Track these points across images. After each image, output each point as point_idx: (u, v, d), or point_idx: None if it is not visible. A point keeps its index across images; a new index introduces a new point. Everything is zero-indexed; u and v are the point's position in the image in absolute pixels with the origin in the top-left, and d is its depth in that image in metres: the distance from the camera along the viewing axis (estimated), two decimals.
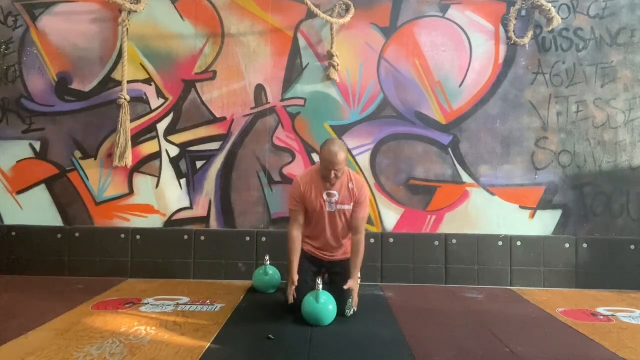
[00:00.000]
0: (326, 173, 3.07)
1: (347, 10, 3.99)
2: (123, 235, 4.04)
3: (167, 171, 4.11)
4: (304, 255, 3.26)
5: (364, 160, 4.06)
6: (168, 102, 4.11)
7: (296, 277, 3.06)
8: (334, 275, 3.23)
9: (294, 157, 4.07)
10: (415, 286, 3.91)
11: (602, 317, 3.17)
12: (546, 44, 4.04)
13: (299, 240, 3.20)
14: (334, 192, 3.16)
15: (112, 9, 4.04)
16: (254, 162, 4.08)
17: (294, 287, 3.06)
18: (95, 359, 2.35)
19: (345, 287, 2.99)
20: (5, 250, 4.04)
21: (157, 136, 4.11)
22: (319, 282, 2.94)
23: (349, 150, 4.05)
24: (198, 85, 4.09)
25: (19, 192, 4.13)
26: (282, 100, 4.09)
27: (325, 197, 3.15)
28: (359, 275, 3.27)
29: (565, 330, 2.91)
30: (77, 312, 3.08)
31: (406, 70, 4.06)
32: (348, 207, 3.17)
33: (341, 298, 3.08)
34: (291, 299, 3.04)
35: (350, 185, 3.17)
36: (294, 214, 3.22)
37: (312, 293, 2.93)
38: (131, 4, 3.94)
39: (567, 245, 3.96)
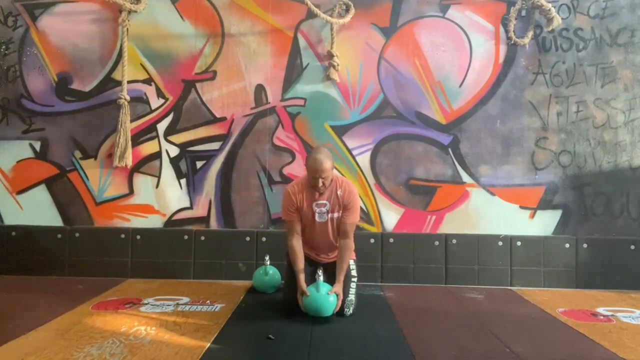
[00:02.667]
0: (313, 182, 3.02)
1: (347, 10, 3.99)
2: (123, 235, 4.04)
3: (167, 171, 4.11)
4: None
5: (364, 160, 4.06)
6: (168, 102, 4.11)
7: (305, 287, 2.99)
8: (331, 275, 3.17)
9: (294, 157, 4.07)
10: (415, 286, 3.91)
11: (602, 317, 3.17)
12: (546, 44, 4.04)
13: (301, 249, 3.13)
14: (323, 201, 3.11)
15: (112, 9, 4.04)
16: (254, 162, 4.08)
17: (303, 297, 2.99)
18: (95, 359, 2.35)
19: (330, 292, 2.95)
20: (5, 250, 4.05)
21: (157, 136, 4.11)
22: (320, 274, 2.97)
23: (349, 150, 4.05)
24: (198, 85, 4.09)
25: (19, 192, 4.13)
26: (282, 100, 4.09)
27: (314, 207, 3.11)
28: (354, 274, 3.24)
29: (565, 330, 2.91)
30: (77, 312, 3.07)
31: (406, 70, 4.06)
32: (338, 215, 3.13)
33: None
34: (302, 308, 2.99)
35: (339, 192, 3.11)
36: (290, 225, 3.15)
37: (313, 285, 2.96)
38: (131, 4, 3.95)
39: (567, 245, 3.96)
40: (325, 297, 2.92)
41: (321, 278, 2.97)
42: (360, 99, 4.07)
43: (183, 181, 4.10)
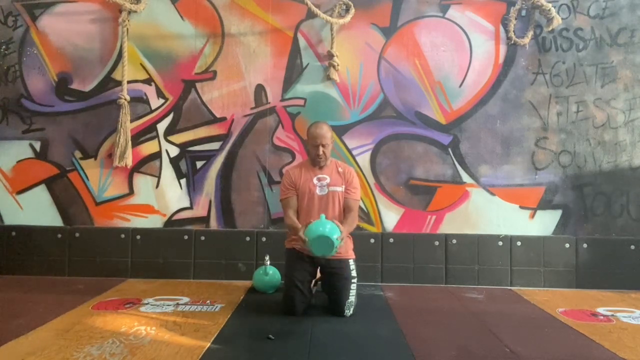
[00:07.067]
0: (314, 150, 3.18)
1: (347, 10, 3.99)
2: (123, 235, 4.04)
3: (167, 171, 4.11)
4: (296, 254, 3.21)
5: (364, 160, 4.06)
6: (168, 102, 4.11)
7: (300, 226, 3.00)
8: (330, 276, 3.19)
9: (294, 157, 4.07)
10: (415, 286, 3.91)
11: (602, 317, 3.17)
12: (546, 44, 4.04)
13: (296, 217, 3.20)
14: (324, 175, 3.23)
15: (112, 9, 4.04)
16: (254, 162, 4.08)
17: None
18: (95, 359, 2.35)
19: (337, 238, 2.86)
20: (5, 250, 4.05)
21: (157, 136, 4.11)
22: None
23: (349, 150, 4.05)
24: (198, 85, 4.09)
25: (19, 192, 4.14)
26: (282, 100, 4.09)
27: (315, 181, 3.21)
28: (354, 274, 3.18)
29: (565, 330, 2.91)
30: (77, 312, 3.08)
31: (406, 70, 4.06)
32: (340, 189, 3.21)
33: (339, 299, 3.09)
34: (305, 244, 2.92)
35: (340, 169, 3.29)
36: (287, 202, 3.23)
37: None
38: (131, 4, 3.94)
39: (567, 245, 3.96)
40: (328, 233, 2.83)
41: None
42: (360, 99, 4.07)
43: (183, 181, 4.11)
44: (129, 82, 4.04)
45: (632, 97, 4.01)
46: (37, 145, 4.13)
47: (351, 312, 3.09)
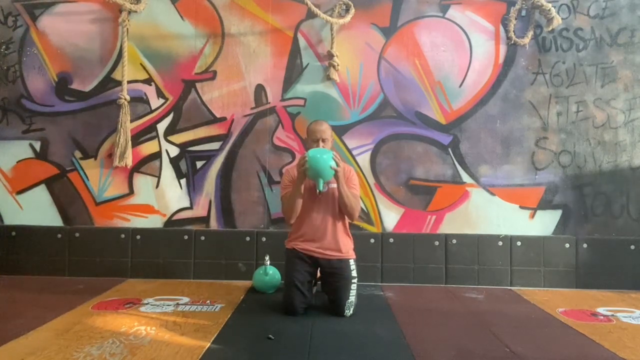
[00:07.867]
0: (314, 145, 3.18)
1: (347, 10, 3.99)
2: (123, 235, 4.04)
3: (167, 171, 4.11)
4: (296, 254, 3.21)
5: (364, 160, 4.06)
6: (168, 102, 4.11)
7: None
8: (330, 276, 3.19)
9: (294, 157, 4.07)
10: (415, 286, 3.91)
11: (602, 317, 3.17)
12: (546, 44, 4.04)
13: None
14: None
15: (112, 9, 4.04)
16: (254, 162, 4.08)
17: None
18: (95, 359, 2.35)
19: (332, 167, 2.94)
20: (5, 250, 4.05)
21: (157, 136, 4.11)
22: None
23: (349, 150, 4.05)
24: (198, 85, 4.09)
25: (19, 192, 4.14)
26: (282, 100, 4.09)
27: None
28: (354, 275, 3.18)
29: (565, 330, 2.91)
30: (77, 312, 3.08)
31: (406, 70, 4.06)
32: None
33: (339, 299, 3.09)
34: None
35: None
36: (287, 196, 3.20)
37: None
38: (131, 4, 3.94)
39: (567, 245, 3.96)
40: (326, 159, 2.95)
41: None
42: (360, 99, 4.07)
43: (183, 181, 4.11)
44: (129, 82, 4.03)
45: (632, 97, 4.01)
46: (37, 145, 4.13)
47: (351, 312, 3.09)
